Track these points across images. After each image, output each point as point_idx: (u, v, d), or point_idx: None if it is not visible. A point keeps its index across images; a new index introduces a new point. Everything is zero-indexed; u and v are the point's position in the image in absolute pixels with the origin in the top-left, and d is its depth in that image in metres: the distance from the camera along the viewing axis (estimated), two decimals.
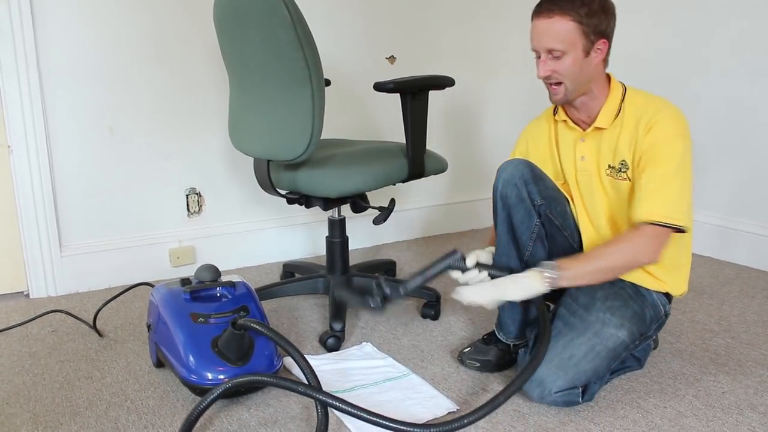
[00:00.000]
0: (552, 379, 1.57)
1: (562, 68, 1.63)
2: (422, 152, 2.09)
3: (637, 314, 1.67)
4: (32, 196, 2.38)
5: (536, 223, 1.75)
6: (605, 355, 1.60)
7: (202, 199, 2.68)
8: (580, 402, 1.62)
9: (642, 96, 1.69)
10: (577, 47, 1.61)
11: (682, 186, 1.58)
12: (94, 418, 1.62)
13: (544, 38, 1.63)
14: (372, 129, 2.94)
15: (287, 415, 1.63)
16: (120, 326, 2.16)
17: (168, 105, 2.55)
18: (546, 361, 1.58)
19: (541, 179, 1.76)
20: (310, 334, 2.09)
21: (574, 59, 1.62)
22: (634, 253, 1.59)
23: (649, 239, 1.58)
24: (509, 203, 1.75)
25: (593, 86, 1.68)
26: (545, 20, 1.61)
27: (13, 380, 1.81)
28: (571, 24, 1.59)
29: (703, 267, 2.66)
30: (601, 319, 1.63)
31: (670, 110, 1.63)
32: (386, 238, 3.08)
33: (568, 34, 1.60)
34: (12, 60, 2.27)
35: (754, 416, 1.60)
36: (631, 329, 1.64)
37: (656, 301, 1.72)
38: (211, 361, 1.63)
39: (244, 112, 2.03)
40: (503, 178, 1.76)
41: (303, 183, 1.99)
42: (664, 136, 1.60)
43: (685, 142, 1.60)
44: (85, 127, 2.44)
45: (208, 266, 1.86)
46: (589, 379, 1.60)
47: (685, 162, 1.59)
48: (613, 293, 1.68)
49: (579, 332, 1.61)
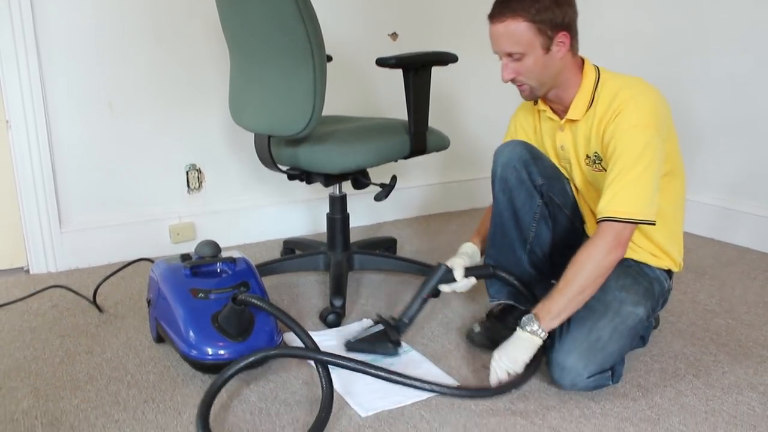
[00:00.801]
0: (583, 364, 1.55)
1: (524, 69, 1.61)
2: (424, 129, 2.07)
3: (648, 290, 1.66)
4: (31, 171, 2.36)
5: (539, 203, 1.74)
6: (627, 334, 1.60)
7: (203, 175, 2.67)
8: (610, 384, 1.61)
9: (616, 82, 1.63)
10: (535, 46, 1.57)
11: (642, 178, 1.53)
12: (94, 392, 1.62)
13: (500, 42, 1.60)
14: (374, 106, 2.91)
15: (287, 390, 1.64)
16: (120, 302, 2.16)
17: (168, 80, 2.53)
18: (575, 346, 1.56)
19: (540, 158, 1.74)
20: (311, 311, 2.09)
21: (534, 59, 1.59)
22: (597, 264, 1.54)
23: (609, 240, 1.54)
24: (510, 186, 1.74)
25: (563, 79, 1.64)
26: (498, 24, 1.58)
27: (13, 354, 1.81)
28: (524, 24, 1.55)
29: (705, 248, 2.65)
30: (618, 298, 1.61)
31: (638, 98, 1.57)
32: (387, 216, 3.07)
33: (522, 35, 1.56)
34: (10, 34, 2.25)
35: (754, 396, 1.60)
36: (646, 305, 1.64)
37: (659, 276, 1.72)
38: (212, 336, 1.62)
39: (244, 87, 2.01)
40: (501, 162, 1.74)
41: (304, 159, 1.97)
42: (625, 128, 1.55)
43: (648, 132, 1.54)
44: (85, 103, 2.42)
45: (209, 242, 1.85)
46: (615, 360, 1.60)
47: (646, 153, 1.53)
48: (622, 272, 1.67)
49: (600, 314, 1.59)
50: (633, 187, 1.53)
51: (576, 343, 1.57)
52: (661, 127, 1.57)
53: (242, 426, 1.49)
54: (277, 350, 1.55)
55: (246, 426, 1.49)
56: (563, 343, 1.58)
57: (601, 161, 1.65)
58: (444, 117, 3.03)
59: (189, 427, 1.48)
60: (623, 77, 1.65)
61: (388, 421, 1.51)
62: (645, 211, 1.54)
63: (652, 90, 1.61)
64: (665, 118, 1.60)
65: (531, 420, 1.51)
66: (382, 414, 1.53)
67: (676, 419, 1.51)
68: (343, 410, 1.55)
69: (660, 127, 1.56)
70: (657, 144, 1.55)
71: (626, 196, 1.53)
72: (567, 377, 1.56)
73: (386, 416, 1.52)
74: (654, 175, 1.55)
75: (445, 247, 2.65)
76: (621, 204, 1.53)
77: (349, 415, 1.53)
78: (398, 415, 1.53)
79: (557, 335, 1.61)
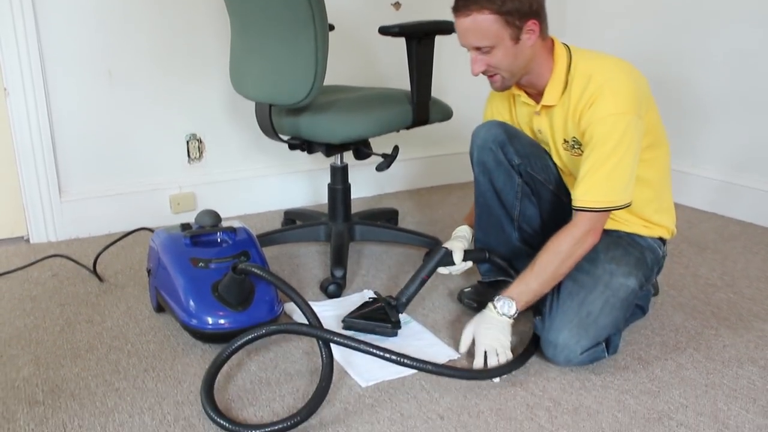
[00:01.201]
0: (575, 340, 1.54)
1: (494, 61, 1.56)
2: (427, 99, 2.05)
3: (639, 260, 1.65)
4: (30, 140, 2.34)
5: (518, 182, 1.74)
6: (620, 306, 1.59)
7: (203, 145, 2.65)
8: (606, 357, 1.61)
9: (588, 63, 1.59)
10: (503, 38, 1.53)
11: (618, 167, 1.51)
12: (94, 361, 1.63)
13: (467, 37, 1.56)
14: (376, 76, 2.88)
15: (288, 359, 1.64)
16: (120, 271, 2.16)
17: (168, 48, 2.49)
18: (566, 322, 1.56)
19: (516, 137, 1.73)
20: (311, 281, 2.09)
21: (504, 51, 1.54)
22: (571, 253, 1.56)
23: (585, 228, 1.55)
24: (488, 168, 1.74)
25: (534, 65, 1.60)
26: (463, 18, 1.53)
27: (14, 323, 1.81)
28: (491, 17, 1.50)
29: (708, 222, 2.64)
30: (608, 270, 1.61)
31: (613, 83, 1.53)
32: (388, 188, 3.06)
33: (489, 28, 1.51)
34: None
35: (754, 369, 1.60)
36: (638, 275, 1.63)
37: (652, 244, 1.71)
38: (212, 305, 1.62)
39: (245, 55, 1.99)
40: (477, 144, 1.74)
41: (305, 128, 1.95)
42: (601, 117, 1.52)
43: (626, 119, 1.50)
44: (83, 71, 2.39)
45: (209, 211, 1.84)
46: (609, 332, 1.59)
47: (623, 141, 1.50)
48: (612, 243, 1.66)
49: (590, 288, 1.59)
50: (608, 179, 1.52)
51: (566, 320, 1.56)
52: (640, 108, 1.54)
53: (242, 395, 1.49)
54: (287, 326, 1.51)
55: (246, 395, 1.49)
56: (553, 321, 1.58)
57: (580, 146, 1.63)
58: (447, 87, 2.99)
59: (189, 396, 1.48)
60: (595, 57, 1.61)
61: (389, 391, 1.51)
62: (620, 197, 1.53)
63: (626, 69, 1.57)
64: (643, 95, 1.57)
65: (531, 391, 1.51)
66: (382, 384, 1.53)
67: (676, 392, 1.51)
68: (343, 380, 1.55)
69: (638, 108, 1.53)
70: (635, 128, 1.52)
71: (602, 187, 1.52)
72: (560, 354, 1.56)
73: (386, 386, 1.53)
74: (631, 160, 1.53)
75: (446, 219, 2.64)
76: (597, 194, 1.53)
77: (349, 386, 1.53)
78: (398, 385, 1.53)
79: (547, 313, 1.61)
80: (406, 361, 1.45)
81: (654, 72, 2.94)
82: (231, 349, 1.45)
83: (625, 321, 1.72)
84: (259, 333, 1.46)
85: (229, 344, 1.45)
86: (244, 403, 1.46)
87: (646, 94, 1.59)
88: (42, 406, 1.45)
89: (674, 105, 2.83)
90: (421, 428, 1.38)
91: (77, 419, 1.40)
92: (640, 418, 1.42)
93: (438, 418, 1.42)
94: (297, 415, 1.35)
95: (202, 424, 1.39)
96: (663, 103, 2.90)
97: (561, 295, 1.61)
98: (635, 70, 1.59)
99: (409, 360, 1.45)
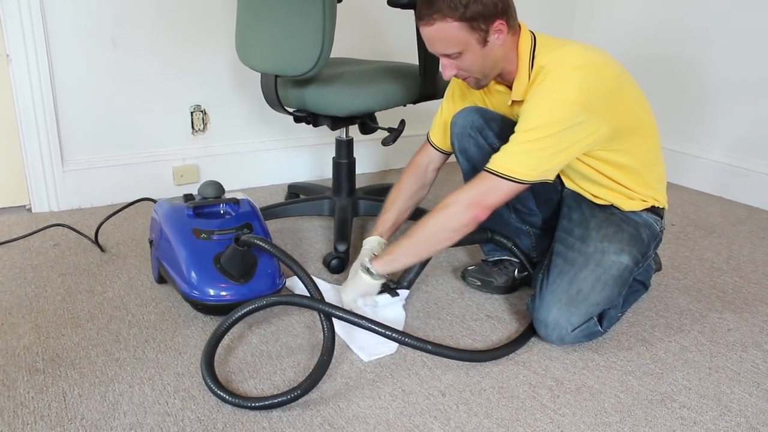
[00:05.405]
0: (565, 318, 1.54)
1: (464, 65, 1.53)
2: (435, 73, 2.02)
3: (634, 237, 1.63)
4: (33, 107, 2.31)
5: None
6: (612, 283, 1.57)
7: (207, 116, 2.62)
8: (601, 330, 1.60)
9: (547, 55, 1.53)
10: (470, 43, 1.49)
11: (539, 143, 1.46)
12: (95, 331, 1.62)
13: (434, 45, 1.52)
14: (384, 49, 2.85)
15: (289, 333, 1.63)
16: (122, 242, 2.15)
17: (173, 17, 2.46)
18: (555, 301, 1.55)
19: (494, 120, 1.71)
20: (314, 255, 2.07)
21: (472, 55, 1.51)
22: (451, 216, 1.52)
23: (480, 190, 1.50)
24: (470, 154, 1.73)
25: (505, 62, 1.56)
26: (428, 28, 1.49)
27: (15, 291, 1.80)
28: (455, 24, 1.46)
29: (714, 206, 2.62)
30: (600, 248, 1.60)
31: (563, 70, 1.48)
32: (393, 164, 3.03)
33: (455, 35, 1.47)
34: None
35: (758, 353, 1.59)
36: (632, 252, 1.61)
37: (647, 220, 1.67)
38: (213, 277, 1.61)
39: (251, 25, 1.95)
40: (456, 132, 1.72)
41: (311, 100, 1.93)
42: (540, 97, 1.48)
43: (566, 109, 1.46)
44: (87, 39, 2.36)
45: (212, 182, 1.82)
46: (603, 309, 1.58)
47: (556, 125, 1.45)
48: (605, 221, 1.65)
49: (580, 266, 1.58)
50: (526, 153, 1.47)
51: (555, 298, 1.56)
52: (591, 103, 1.47)
53: (243, 368, 1.49)
54: (288, 297, 1.50)
55: (247, 368, 1.49)
56: (543, 300, 1.58)
57: None
58: None
59: (189, 367, 1.48)
60: (556, 48, 1.54)
61: (390, 366, 1.50)
62: (529, 174, 1.48)
63: (586, 63, 1.50)
64: (603, 92, 1.49)
65: (534, 370, 1.50)
66: (384, 359, 1.52)
67: (679, 374, 1.50)
68: (344, 355, 1.54)
69: (586, 102, 1.46)
70: (577, 121, 1.46)
71: (516, 158, 1.48)
72: (552, 333, 1.56)
73: (388, 362, 1.52)
74: (559, 148, 1.48)
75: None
76: (508, 162, 1.48)
77: (351, 360, 1.52)
78: (400, 361, 1.52)
79: (537, 293, 1.60)
80: (407, 339, 1.44)
81: (661, 54, 2.91)
82: (231, 320, 1.44)
83: (626, 297, 1.71)
84: (260, 304, 1.45)
85: (230, 315, 1.44)
86: (245, 376, 1.46)
87: (608, 90, 1.51)
88: (42, 374, 1.44)
89: (681, 87, 2.80)
90: (422, 404, 1.38)
91: (77, 388, 1.40)
92: (642, 399, 1.41)
93: (440, 394, 1.41)
94: (298, 389, 1.34)
95: (202, 396, 1.38)
96: (669, 86, 2.88)
97: (551, 274, 1.60)
98: (604, 64, 1.52)
99: (411, 339, 1.44)
